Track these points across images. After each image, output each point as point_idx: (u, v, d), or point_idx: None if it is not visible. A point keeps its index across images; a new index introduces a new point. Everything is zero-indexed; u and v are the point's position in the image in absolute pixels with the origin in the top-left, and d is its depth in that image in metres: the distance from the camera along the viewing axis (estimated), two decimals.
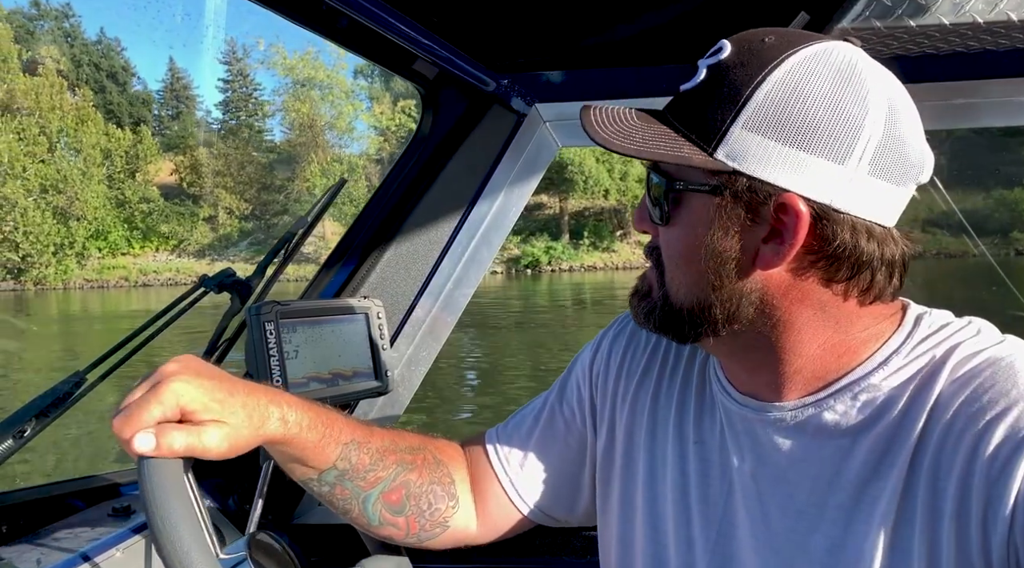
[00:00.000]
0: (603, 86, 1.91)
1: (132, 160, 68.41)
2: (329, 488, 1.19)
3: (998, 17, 1.47)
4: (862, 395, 1.00)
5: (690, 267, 1.01)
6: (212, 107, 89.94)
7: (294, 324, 1.67)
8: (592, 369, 1.34)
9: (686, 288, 1.02)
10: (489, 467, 1.33)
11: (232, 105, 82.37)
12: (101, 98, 75.76)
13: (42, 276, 60.75)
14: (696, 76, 1.00)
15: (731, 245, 0.98)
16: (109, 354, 1.63)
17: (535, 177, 1.99)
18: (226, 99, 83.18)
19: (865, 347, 1.03)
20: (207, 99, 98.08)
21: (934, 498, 0.92)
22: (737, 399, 1.10)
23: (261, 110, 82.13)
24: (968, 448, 0.90)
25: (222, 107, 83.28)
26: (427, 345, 1.99)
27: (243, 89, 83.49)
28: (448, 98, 1.93)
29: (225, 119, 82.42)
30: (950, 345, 0.99)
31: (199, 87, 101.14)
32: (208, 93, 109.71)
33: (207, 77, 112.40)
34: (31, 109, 63.34)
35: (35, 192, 61.47)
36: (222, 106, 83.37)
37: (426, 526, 1.27)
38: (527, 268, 64.34)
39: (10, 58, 63.60)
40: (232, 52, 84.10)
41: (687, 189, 0.99)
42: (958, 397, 0.94)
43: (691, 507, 1.14)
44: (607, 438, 1.28)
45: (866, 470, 0.98)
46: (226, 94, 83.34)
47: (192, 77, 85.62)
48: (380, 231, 1.92)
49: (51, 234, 61.41)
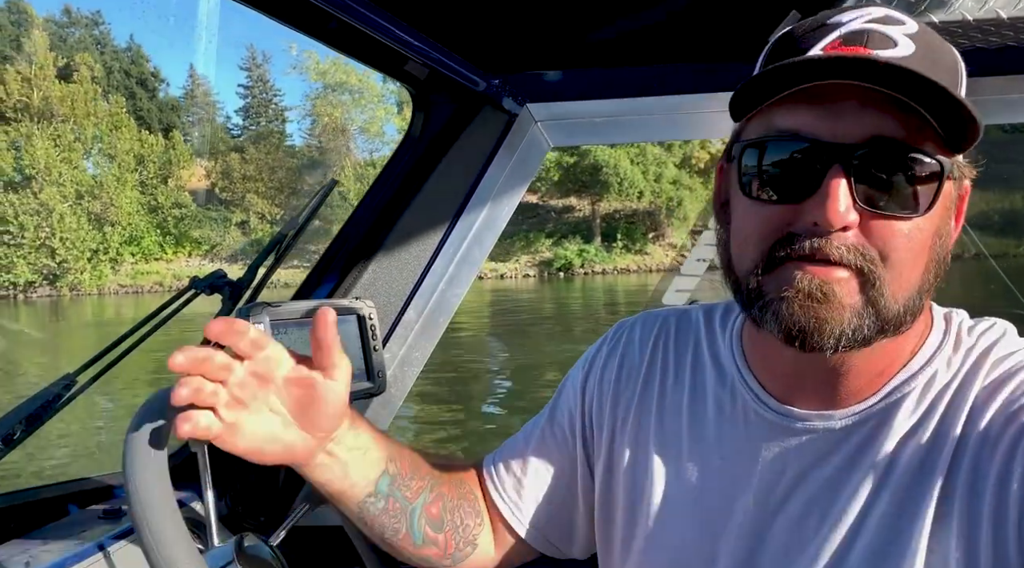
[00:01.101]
0: (594, 86, 1.92)
1: (165, 165, 69.39)
2: (384, 502, 1.16)
3: (988, 15, 1.48)
4: (908, 399, 1.01)
5: (921, 259, 0.94)
6: (232, 113, 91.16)
7: (285, 325, 1.68)
8: (584, 391, 1.29)
9: (913, 284, 0.95)
10: (488, 493, 1.31)
11: (252, 111, 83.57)
12: (131, 104, 76.91)
13: (78, 281, 61.72)
14: (897, 46, 0.91)
15: (951, 231, 0.99)
16: (99, 357, 1.65)
17: (527, 177, 2.00)
18: (246, 105, 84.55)
19: (912, 345, 1.03)
20: (227, 105, 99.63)
21: (972, 501, 0.93)
22: (775, 408, 1.07)
23: (280, 116, 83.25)
24: (1005, 451, 0.92)
25: (242, 113, 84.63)
26: (420, 346, 2.00)
27: (263, 95, 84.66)
28: (439, 99, 1.95)
29: (245, 125, 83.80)
30: (983, 348, 1.01)
31: (219, 94, 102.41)
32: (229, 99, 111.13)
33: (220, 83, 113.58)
34: (66, 116, 64.47)
35: (71, 198, 62.50)
36: (242, 112, 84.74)
37: (460, 544, 1.25)
38: (560, 271, 64.29)
39: (46, 66, 64.82)
40: (252, 58, 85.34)
41: (951, 173, 0.93)
42: (994, 401, 0.95)
43: (716, 524, 1.10)
44: (606, 459, 1.24)
45: (908, 477, 0.98)
46: (246, 100, 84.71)
47: (211, 83, 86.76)
48: (372, 232, 1.94)
49: (87, 240, 62.37)
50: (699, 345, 1.22)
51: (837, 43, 0.93)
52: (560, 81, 1.93)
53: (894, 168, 0.90)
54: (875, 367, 1.02)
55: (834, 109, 0.90)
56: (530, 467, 1.30)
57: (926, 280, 0.96)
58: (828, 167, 0.90)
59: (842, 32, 0.94)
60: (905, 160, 0.90)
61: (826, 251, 0.91)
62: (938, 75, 0.88)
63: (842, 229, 0.90)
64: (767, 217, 0.95)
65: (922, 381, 1.01)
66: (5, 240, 59.91)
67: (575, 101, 1.93)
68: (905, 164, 0.90)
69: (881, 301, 0.92)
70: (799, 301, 0.92)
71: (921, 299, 0.96)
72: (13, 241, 59.87)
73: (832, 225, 0.89)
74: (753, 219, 0.97)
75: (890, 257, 0.92)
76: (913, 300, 0.95)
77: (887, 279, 0.92)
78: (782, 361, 1.06)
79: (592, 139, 1.99)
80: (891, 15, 0.95)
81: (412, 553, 1.23)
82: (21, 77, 63.65)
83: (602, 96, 1.92)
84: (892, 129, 0.90)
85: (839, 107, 0.90)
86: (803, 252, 0.92)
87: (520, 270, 66.70)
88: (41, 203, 60.94)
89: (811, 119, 0.91)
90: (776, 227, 0.94)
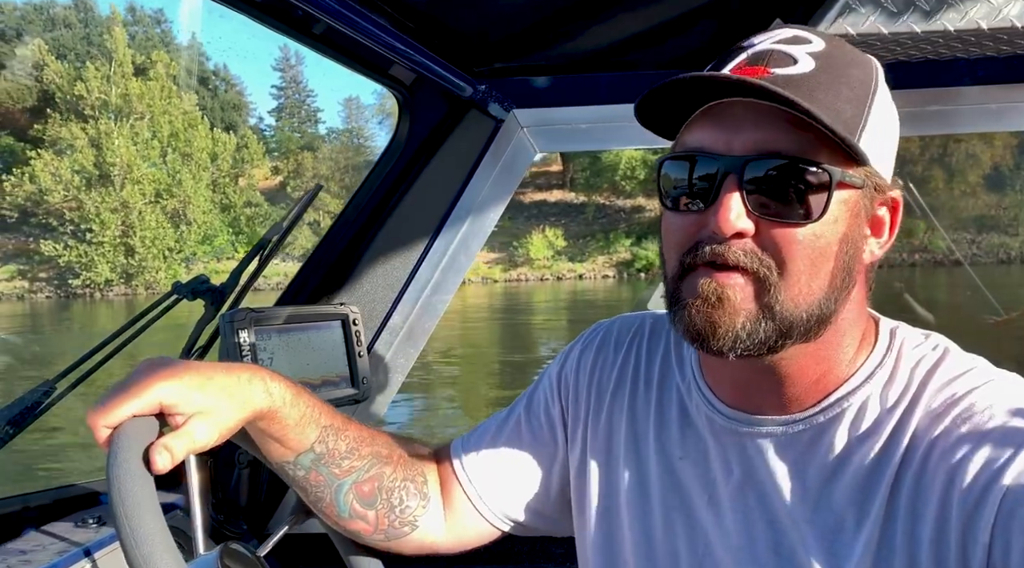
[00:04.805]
0: (581, 92, 1.95)
1: (237, 164, 71.11)
2: (304, 473, 1.24)
3: (968, 26, 1.51)
4: (848, 412, 1.06)
5: (824, 267, 0.99)
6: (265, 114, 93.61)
7: (269, 331, 1.75)
8: (560, 382, 1.38)
9: (815, 291, 0.99)
10: (453, 475, 1.38)
11: (286, 111, 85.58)
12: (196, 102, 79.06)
13: (154, 280, 63.44)
14: (796, 63, 0.98)
15: (861, 241, 1.03)
16: (79, 362, 1.71)
17: (513, 183, 2.03)
18: (279, 106, 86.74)
19: (856, 356, 1.08)
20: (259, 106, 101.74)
21: (914, 525, 0.97)
22: (724, 413, 1.14)
23: (312, 118, 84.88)
24: (945, 478, 0.95)
25: (275, 113, 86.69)
26: (405, 352, 2.06)
27: (296, 96, 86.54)
28: (425, 104, 2.00)
29: (278, 126, 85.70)
30: (926, 369, 1.05)
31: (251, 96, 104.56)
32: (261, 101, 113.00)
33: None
34: (143, 113, 66.52)
35: (149, 195, 64.41)
36: (275, 112, 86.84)
37: (395, 523, 1.32)
38: (640, 272, 63.95)
39: (125, 63, 67.03)
40: (285, 59, 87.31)
41: (845, 181, 0.97)
42: (935, 429, 0.99)
43: (676, 521, 1.17)
44: (580, 452, 1.31)
45: (850, 493, 1.03)
46: (279, 101, 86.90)
47: (245, 84, 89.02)
48: (357, 237, 2.00)
49: (164, 238, 64.21)
50: (668, 349, 1.29)
51: (743, 63, 1.01)
52: (547, 87, 1.96)
53: (782, 177, 0.96)
54: (809, 374, 1.06)
55: (732, 126, 0.98)
56: (502, 453, 1.37)
57: (833, 287, 1.00)
58: (723, 179, 0.97)
59: (749, 53, 1.02)
60: (792, 170, 0.96)
61: (725, 257, 0.97)
62: (831, 90, 0.96)
63: (738, 236, 0.97)
64: (680, 227, 1.03)
65: (861, 397, 1.05)
66: (87, 238, 62.01)
67: (562, 107, 1.97)
68: (792, 173, 0.96)
69: (777, 306, 0.97)
70: (697, 305, 0.99)
71: (830, 306, 1.00)
72: (95, 239, 61.86)
73: (724, 232, 0.96)
74: (670, 229, 1.05)
75: (786, 263, 0.97)
76: (819, 307, 0.99)
77: (784, 285, 0.97)
78: (721, 366, 1.12)
79: (579, 145, 2.01)
80: (800, 35, 1.02)
81: (338, 524, 1.30)
82: (101, 75, 65.89)
83: (589, 102, 1.95)
84: (783, 141, 0.96)
85: (737, 124, 0.98)
86: (705, 259, 0.99)
87: (598, 270, 66.46)
88: (122, 201, 62.86)
89: (712, 135, 1.00)
90: (687, 236, 1.02)
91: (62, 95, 65.53)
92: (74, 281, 62.37)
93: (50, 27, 73.58)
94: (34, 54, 67.78)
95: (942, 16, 1.51)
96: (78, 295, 61.89)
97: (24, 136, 66.39)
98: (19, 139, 66.56)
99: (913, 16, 1.52)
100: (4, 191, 63.57)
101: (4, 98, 67.34)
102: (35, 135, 65.41)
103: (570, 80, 1.95)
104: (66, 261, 61.81)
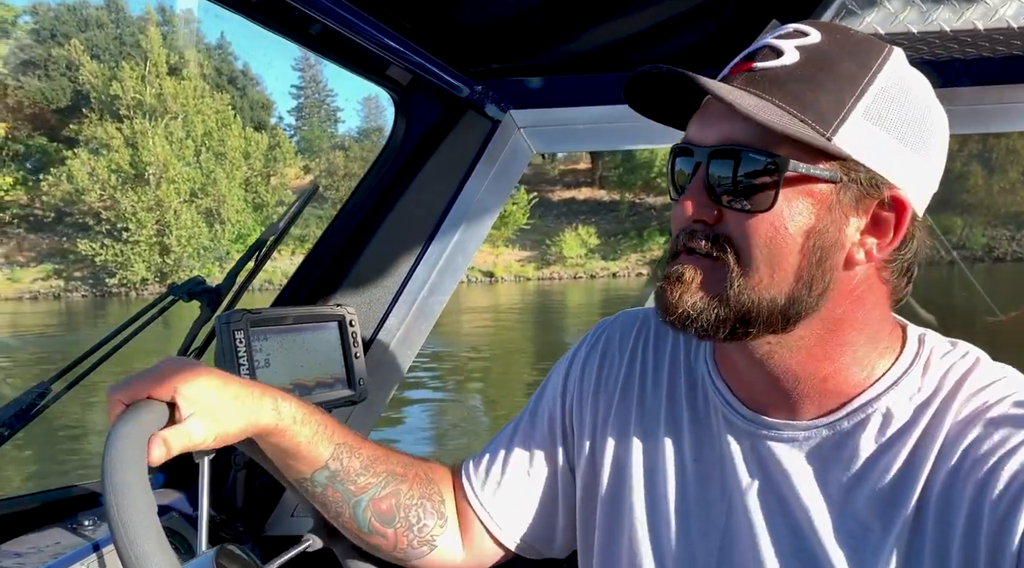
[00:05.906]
0: (578, 92, 1.95)
1: (269, 163, 71.56)
2: (321, 489, 1.27)
3: (965, 26, 1.50)
4: (874, 418, 1.05)
5: (787, 258, 0.99)
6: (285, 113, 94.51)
7: (265, 332, 1.75)
8: (565, 391, 1.37)
9: (777, 282, 1.00)
10: (464, 495, 1.38)
11: (304, 111, 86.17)
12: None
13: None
14: (781, 56, 1.00)
15: (839, 237, 1.01)
16: (74, 365, 1.73)
17: (510, 184, 2.04)
18: (299, 105, 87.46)
19: (880, 362, 1.07)
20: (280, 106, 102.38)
21: (943, 533, 0.97)
22: (744, 415, 1.13)
23: (332, 117, 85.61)
24: (976, 487, 0.95)
25: (295, 113, 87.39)
26: (401, 353, 2.07)
27: (316, 96, 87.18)
28: (422, 104, 2.00)
29: (298, 125, 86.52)
30: (955, 378, 1.04)
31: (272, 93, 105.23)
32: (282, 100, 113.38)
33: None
34: (177, 112, 67.16)
35: (184, 194, 64.96)
36: (295, 112, 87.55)
37: (414, 543, 1.33)
38: None
39: (159, 63, 67.69)
40: (305, 58, 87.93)
41: (803, 173, 0.97)
42: (965, 437, 0.99)
43: (692, 526, 1.17)
44: (589, 458, 1.30)
45: (876, 500, 1.02)
46: (299, 101, 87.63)
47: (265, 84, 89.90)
48: (353, 238, 2.01)
49: (199, 237, 64.76)
50: (676, 347, 1.29)
51: (742, 58, 1.04)
52: (544, 87, 1.96)
53: (734, 168, 0.99)
54: (811, 372, 1.06)
55: (709, 119, 1.03)
56: (509, 469, 1.37)
57: (801, 280, 1.00)
58: (695, 169, 1.03)
59: (750, 48, 1.04)
60: (741, 160, 0.99)
61: (690, 242, 1.03)
62: (810, 82, 0.98)
63: (701, 222, 1.02)
64: (674, 216, 1.08)
65: (887, 403, 1.05)
66: (123, 237, 62.61)
67: (559, 107, 1.97)
68: (741, 163, 0.99)
69: (731, 292, 1.00)
70: (662, 284, 1.05)
71: (801, 299, 1.01)
72: (131, 238, 62.42)
73: (687, 218, 1.03)
74: (671, 218, 1.09)
75: (743, 251, 1.00)
76: (786, 299, 1.00)
77: (742, 272, 1.00)
78: (733, 362, 1.14)
79: (576, 146, 2.01)
80: (800, 29, 1.03)
81: (359, 538, 1.33)
82: (136, 74, 66.57)
83: (586, 103, 1.95)
84: (742, 133, 0.99)
85: (712, 117, 1.03)
86: (679, 243, 1.05)
87: (632, 268, 66.19)
88: (158, 200, 63.44)
89: (695, 128, 1.06)
90: (676, 224, 1.07)
91: (97, 95, 66.26)
92: (110, 280, 62.99)
93: (83, 27, 74.42)
94: (70, 54, 68.64)
95: (938, 17, 1.50)
96: (113, 294, 62.53)
97: (56, 136, 67.23)
98: (52, 139, 67.41)
99: (909, 17, 1.51)
100: (40, 190, 64.46)
101: (39, 98, 68.23)
102: (68, 135, 66.20)
103: (567, 81, 1.95)
104: (103, 260, 62.49)
